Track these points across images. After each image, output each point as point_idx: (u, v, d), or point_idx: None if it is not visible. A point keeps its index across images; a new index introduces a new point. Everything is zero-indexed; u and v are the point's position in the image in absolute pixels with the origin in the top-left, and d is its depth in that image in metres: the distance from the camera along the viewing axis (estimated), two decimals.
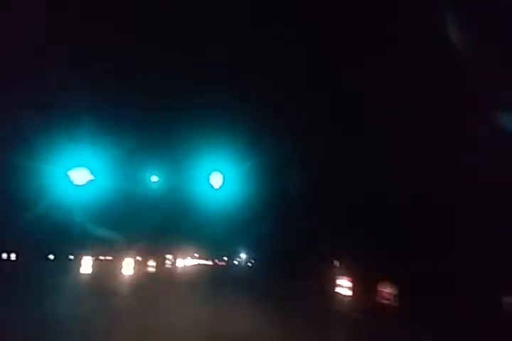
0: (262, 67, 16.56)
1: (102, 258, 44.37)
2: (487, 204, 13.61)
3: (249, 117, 19.94)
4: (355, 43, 15.49)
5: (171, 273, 37.01)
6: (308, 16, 15.16)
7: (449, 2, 12.57)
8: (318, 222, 24.21)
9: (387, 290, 16.88)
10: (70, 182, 17.19)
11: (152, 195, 21.91)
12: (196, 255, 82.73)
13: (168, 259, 51.06)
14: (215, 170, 16.00)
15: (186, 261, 67.46)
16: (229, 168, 16.18)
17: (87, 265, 24.21)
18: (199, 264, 77.81)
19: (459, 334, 10.27)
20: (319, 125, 19.43)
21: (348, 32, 15.39)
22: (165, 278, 27.05)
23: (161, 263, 41.12)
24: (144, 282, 22.48)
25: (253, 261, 64.97)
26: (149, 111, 20.89)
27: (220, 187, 16.19)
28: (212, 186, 16.26)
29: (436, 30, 13.26)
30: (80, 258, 24.51)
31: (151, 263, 33.56)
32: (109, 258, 48.17)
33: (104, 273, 25.38)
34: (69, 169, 17.10)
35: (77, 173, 16.92)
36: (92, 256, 29.07)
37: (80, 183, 17.05)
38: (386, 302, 16.68)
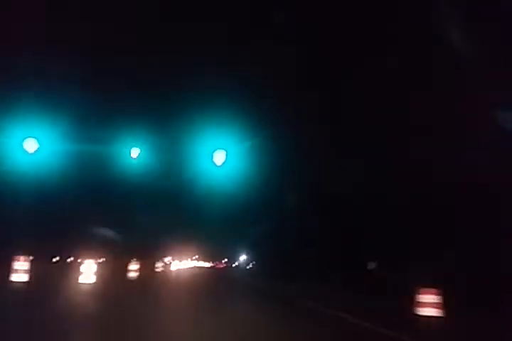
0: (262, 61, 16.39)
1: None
2: (487, 204, 13.58)
3: (252, 95, 19.08)
4: (355, 43, 15.49)
5: (159, 280, 27.26)
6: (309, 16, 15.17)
7: (449, 2, 12.61)
8: (341, 217, 22.23)
9: None
10: (24, 152, 15.46)
11: (132, 172, 17.29)
12: (195, 256, 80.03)
13: (160, 261, 41.48)
14: (218, 148, 14.72)
15: (183, 263, 59.13)
16: (232, 146, 15.01)
17: (20, 270, 14.98)
18: (196, 267, 73.15)
19: None
20: (319, 123, 19.38)
21: (348, 32, 15.40)
22: (143, 292, 16.17)
23: (148, 267, 32.03)
24: (104, 299, 12.88)
25: (254, 262, 62.96)
26: (146, 85, 19.92)
27: (223, 163, 14.89)
28: (214, 163, 14.88)
29: (436, 30, 13.30)
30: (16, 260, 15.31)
31: (134, 266, 23.94)
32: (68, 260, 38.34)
33: (48, 284, 16.99)
34: (23, 139, 15.42)
35: (29, 143, 15.26)
36: (33, 257, 18.93)
37: (31, 152, 15.30)
38: None
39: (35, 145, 14.88)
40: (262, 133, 19.09)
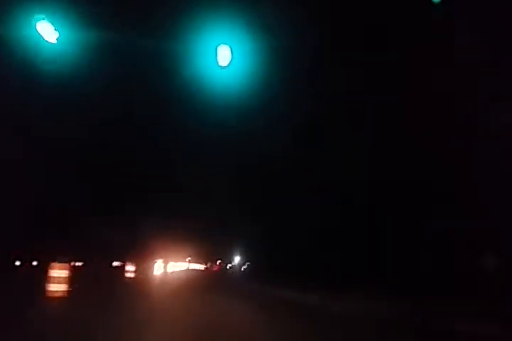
0: None
1: None
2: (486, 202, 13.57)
3: None
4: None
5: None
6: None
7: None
8: None
9: None
10: None
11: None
12: (188, 258, 76.67)
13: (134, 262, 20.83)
14: (223, 43, 10.39)
15: (171, 266, 36.49)
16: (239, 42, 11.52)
17: None
18: (190, 270, 62.07)
19: None
20: None
21: (348, 31, 15.39)
22: None
23: (104, 269, 19.76)
24: None
25: (248, 264, 60.66)
26: None
27: (228, 64, 11.54)
28: (217, 63, 10.62)
29: (436, 29, 13.43)
30: None
31: (56, 271, 10.33)
32: None
33: None
34: None
35: None
36: None
37: None
38: None
39: None
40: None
